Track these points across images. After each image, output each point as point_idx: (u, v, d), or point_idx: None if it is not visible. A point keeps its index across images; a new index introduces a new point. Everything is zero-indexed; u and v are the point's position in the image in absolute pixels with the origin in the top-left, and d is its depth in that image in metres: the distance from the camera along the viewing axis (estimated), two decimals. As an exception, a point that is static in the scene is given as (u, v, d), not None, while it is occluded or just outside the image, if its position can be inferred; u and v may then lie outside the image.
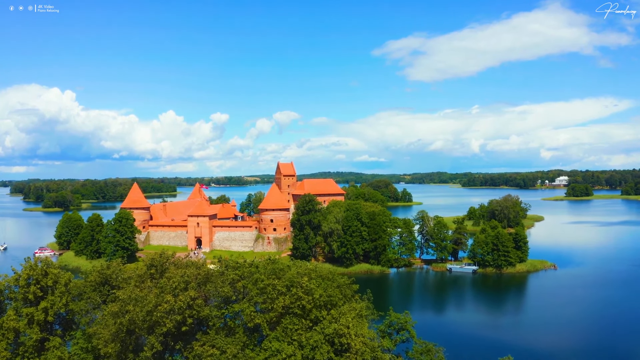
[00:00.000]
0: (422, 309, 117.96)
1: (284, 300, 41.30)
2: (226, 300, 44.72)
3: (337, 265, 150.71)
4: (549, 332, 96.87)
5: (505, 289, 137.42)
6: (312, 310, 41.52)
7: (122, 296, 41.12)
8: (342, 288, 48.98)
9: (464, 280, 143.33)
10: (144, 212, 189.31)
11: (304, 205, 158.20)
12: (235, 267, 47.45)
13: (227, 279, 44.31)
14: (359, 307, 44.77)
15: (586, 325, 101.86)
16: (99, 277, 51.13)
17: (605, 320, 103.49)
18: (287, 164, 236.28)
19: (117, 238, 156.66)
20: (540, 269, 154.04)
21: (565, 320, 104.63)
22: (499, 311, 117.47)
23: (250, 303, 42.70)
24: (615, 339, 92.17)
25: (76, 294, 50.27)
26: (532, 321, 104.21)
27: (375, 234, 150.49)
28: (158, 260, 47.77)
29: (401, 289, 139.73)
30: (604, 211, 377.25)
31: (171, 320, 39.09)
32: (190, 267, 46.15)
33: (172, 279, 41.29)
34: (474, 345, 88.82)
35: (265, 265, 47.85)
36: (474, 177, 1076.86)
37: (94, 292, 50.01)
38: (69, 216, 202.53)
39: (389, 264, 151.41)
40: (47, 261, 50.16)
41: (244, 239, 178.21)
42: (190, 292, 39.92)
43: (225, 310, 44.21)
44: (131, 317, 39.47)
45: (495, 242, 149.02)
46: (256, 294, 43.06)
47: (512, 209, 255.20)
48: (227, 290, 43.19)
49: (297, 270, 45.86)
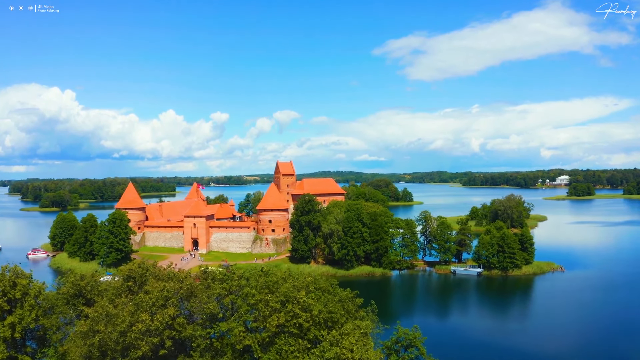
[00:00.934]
0: (426, 313, 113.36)
1: (278, 317, 36.00)
2: (212, 318, 39.34)
3: (338, 268, 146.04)
4: (558, 337, 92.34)
5: (511, 293, 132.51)
6: (311, 329, 36.20)
7: (92, 314, 36.09)
8: (345, 302, 43.28)
9: (469, 283, 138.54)
10: (140, 213, 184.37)
11: (304, 205, 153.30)
12: (223, 279, 42.16)
13: (213, 293, 39.22)
14: (364, 325, 39.31)
15: (596, 330, 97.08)
16: (73, 289, 45.89)
17: (616, 325, 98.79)
18: (286, 163, 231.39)
19: (110, 239, 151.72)
20: (547, 271, 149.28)
21: (574, 326, 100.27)
22: (505, 316, 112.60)
23: (240, 321, 37.41)
24: (626, 344, 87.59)
25: (47, 307, 44.99)
26: (540, 326, 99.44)
27: (377, 235, 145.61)
28: (136, 271, 42.66)
29: (404, 292, 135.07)
30: (607, 211, 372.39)
31: (147, 343, 34.05)
32: (171, 280, 40.81)
33: (149, 295, 36.21)
34: (480, 352, 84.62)
35: (256, 277, 42.68)
36: (475, 177, 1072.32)
37: (66, 305, 44.84)
38: (63, 216, 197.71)
39: (391, 266, 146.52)
40: (15, 270, 45.23)
41: (241, 240, 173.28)
42: (169, 310, 34.91)
43: (211, 329, 38.92)
44: (102, 337, 34.47)
45: (501, 243, 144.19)
46: (246, 311, 37.86)
47: (515, 209, 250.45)
48: (213, 307, 38.05)
49: (293, 283, 40.57)
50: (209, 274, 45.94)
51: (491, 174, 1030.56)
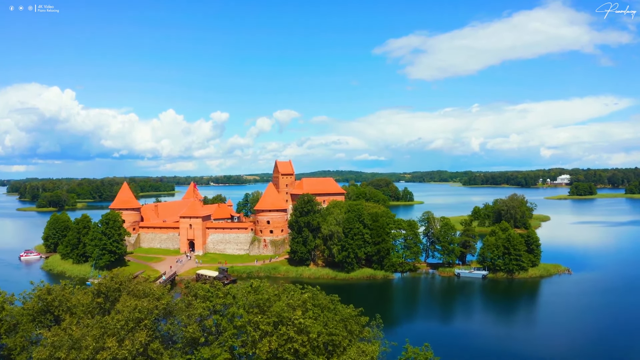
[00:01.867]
0: (429, 318, 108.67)
1: (269, 342, 30.83)
2: (193, 342, 34.08)
3: (338, 271, 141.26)
4: (567, 344, 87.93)
5: (517, 296, 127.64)
6: (308, 354, 30.97)
7: (50, 338, 31.11)
8: (348, 322, 37.61)
9: (473, 286, 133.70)
10: (134, 213, 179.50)
11: (303, 205, 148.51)
12: (206, 296, 36.70)
13: (194, 313, 33.98)
14: (370, 350, 33.98)
15: (607, 336, 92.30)
16: (39, 304, 40.82)
17: (629, 331, 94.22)
18: (285, 162, 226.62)
19: (103, 241, 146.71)
20: (553, 274, 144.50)
21: (584, 331, 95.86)
22: (511, 321, 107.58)
23: (225, 346, 32.24)
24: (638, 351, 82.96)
25: (12, 324, 39.95)
26: (548, 332, 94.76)
27: (379, 236, 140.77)
28: (108, 285, 37.67)
29: (406, 296, 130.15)
30: (610, 210, 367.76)
31: (114, 374, 29.04)
32: (146, 298, 35.60)
33: (118, 316, 31.15)
34: (485, 359, 79.95)
35: (245, 294, 37.12)
36: (475, 176, 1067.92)
37: (32, 322, 39.79)
38: (56, 217, 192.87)
39: (392, 268, 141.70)
40: None
41: (239, 242, 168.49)
42: (140, 335, 29.93)
43: (192, 355, 33.74)
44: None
45: (507, 245, 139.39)
46: (233, 335, 32.76)
47: (518, 209, 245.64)
48: (194, 330, 32.95)
49: (287, 301, 35.19)
50: (192, 289, 40.61)
51: (491, 173, 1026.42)
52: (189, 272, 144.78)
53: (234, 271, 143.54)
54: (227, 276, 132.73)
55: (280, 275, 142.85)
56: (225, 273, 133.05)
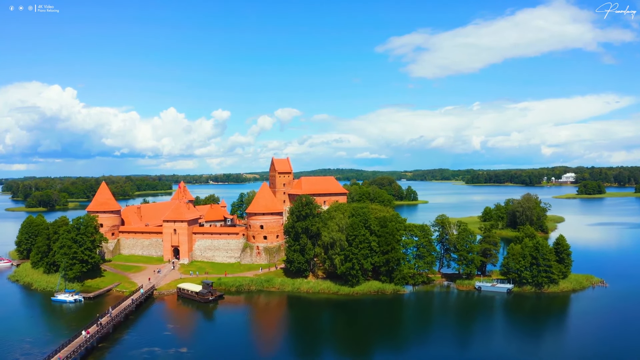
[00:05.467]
0: (445, 341, 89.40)
1: None
2: None
3: (341, 284, 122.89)
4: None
5: (548, 314, 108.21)
6: None
7: None
8: None
9: (497, 303, 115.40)
10: (114, 217, 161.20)
11: (300, 209, 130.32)
12: None
13: None
14: None
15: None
16: None
17: None
18: (283, 160, 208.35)
19: (73, 249, 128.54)
20: (586, 287, 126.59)
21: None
22: (543, 347, 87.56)
23: None
24: None
25: None
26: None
27: (387, 244, 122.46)
28: None
29: (419, 314, 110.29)
30: (625, 210, 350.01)
31: None
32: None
33: None
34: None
35: None
36: (478, 174, 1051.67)
37: None
38: (31, 219, 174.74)
39: (404, 281, 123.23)
40: None
41: (229, 249, 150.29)
42: None
43: None
44: None
45: (534, 254, 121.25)
46: None
47: (534, 210, 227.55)
48: None
49: None
50: None
51: (495, 171, 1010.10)
52: (170, 285, 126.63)
53: (222, 284, 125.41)
54: (212, 291, 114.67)
55: (274, 288, 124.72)
56: (210, 288, 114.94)
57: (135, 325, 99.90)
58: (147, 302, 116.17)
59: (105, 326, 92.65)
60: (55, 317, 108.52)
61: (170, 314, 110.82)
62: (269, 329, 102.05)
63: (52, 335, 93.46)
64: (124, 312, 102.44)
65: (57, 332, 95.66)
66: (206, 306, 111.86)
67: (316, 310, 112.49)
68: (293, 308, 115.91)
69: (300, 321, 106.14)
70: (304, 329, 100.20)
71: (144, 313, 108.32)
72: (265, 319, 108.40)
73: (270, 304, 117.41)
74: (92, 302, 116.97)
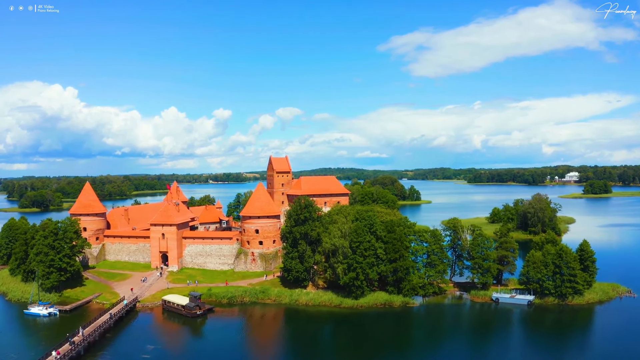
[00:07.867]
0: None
1: None
2: None
3: (344, 296, 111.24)
4: None
5: (574, 329, 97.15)
6: None
7: None
8: None
9: (517, 316, 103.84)
10: (98, 220, 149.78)
11: (298, 212, 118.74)
12: None
13: None
14: None
15: None
16: None
17: None
18: (281, 159, 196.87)
19: (50, 256, 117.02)
20: (613, 297, 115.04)
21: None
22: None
23: None
24: None
25: None
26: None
27: (395, 252, 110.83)
28: None
29: (430, 329, 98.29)
30: (636, 210, 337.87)
31: None
32: None
33: None
34: None
35: None
36: (480, 173, 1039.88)
37: None
38: (12, 222, 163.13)
39: (413, 292, 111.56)
40: None
41: (222, 255, 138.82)
42: None
43: None
44: None
45: (557, 262, 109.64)
46: None
47: (546, 211, 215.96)
48: None
49: None
50: None
51: (497, 170, 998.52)
52: (155, 297, 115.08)
53: (212, 295, 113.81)
54: (200, 304, 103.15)
55: (270, 300, 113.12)
56: (197, 301, 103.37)
57: (112, 344, 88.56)
58: (129, 316, 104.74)
59: (79, 345, 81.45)
60: (26, 333, 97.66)
61: (154, 330, 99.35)
62: (264, 346, 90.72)
63: (18, 356, 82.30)
64: (99, 330, 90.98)
65: (24, 352, 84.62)
66: (194, 321, 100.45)
67: (316, 325, 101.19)
68: (291, 322, 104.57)
69: (299, 337, 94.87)
70: (303, 346, 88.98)
71: (124, 330, 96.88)
72: (260, 336, 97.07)
73: (265, 317, 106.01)
74: (68, 316, 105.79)
